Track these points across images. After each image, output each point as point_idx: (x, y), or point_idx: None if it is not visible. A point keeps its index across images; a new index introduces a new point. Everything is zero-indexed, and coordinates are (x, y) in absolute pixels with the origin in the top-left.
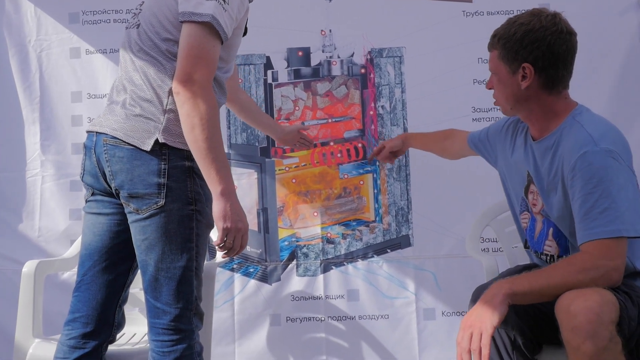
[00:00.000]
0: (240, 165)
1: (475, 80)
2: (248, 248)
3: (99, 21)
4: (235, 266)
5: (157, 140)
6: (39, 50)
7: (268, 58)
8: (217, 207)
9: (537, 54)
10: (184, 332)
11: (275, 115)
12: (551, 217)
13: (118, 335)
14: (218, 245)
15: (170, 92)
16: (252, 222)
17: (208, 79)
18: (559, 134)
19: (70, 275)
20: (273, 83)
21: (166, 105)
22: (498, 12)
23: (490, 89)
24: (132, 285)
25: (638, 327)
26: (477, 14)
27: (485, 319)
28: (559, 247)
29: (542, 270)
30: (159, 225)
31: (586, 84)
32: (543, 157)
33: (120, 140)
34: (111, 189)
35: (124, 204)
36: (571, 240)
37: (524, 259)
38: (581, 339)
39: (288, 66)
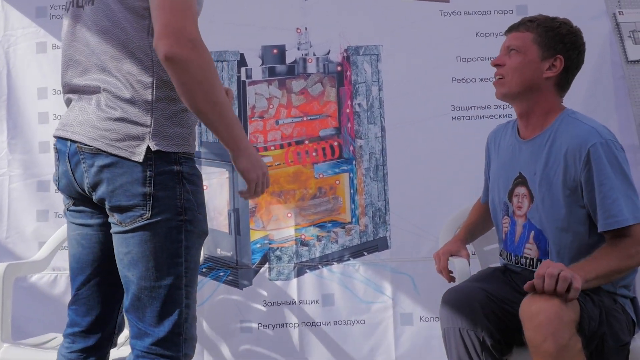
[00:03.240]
0: (212, 164)
1: (454, 79)
2: (218, 250)
3: None
4: (204, 270)
5: (148, 148)
6: (7, 47)
7: (242, 55)
8: (242, 163)
9: (571, 54)
10: (167, 359)
11: (249, 113)
12: (540, 215)
13: (119, 338)
14: (247, 194)
15: (153, 86)
16: (223, 224)
17: (198, 32)
18: (554, 131)
19: (39, 277)
20: (247, 80)
21: (152, 103)
22: (475, 12)
23: (497, 64)
24: None
25: (599, 327)
26: (454, 13)
27: (575, 275)
28: (539, 250)
29: (597, 257)
30: (143, 240)
31: None
32: (537, 154)
33: (100, 149)
34: (87, 193)
35: (107, 213)
36: (557, 239)
37: (495, 259)
38: (542, 337)
39: (262, 64)
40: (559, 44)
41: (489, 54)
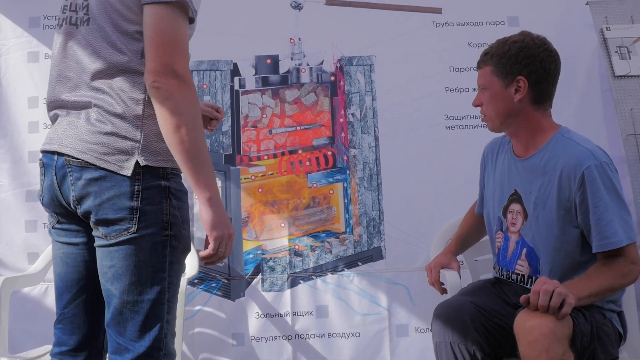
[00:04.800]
0: None
1: (447, 89)
2: None
3: None
4: (196, 281)
5: (137, 163)
6: None
7: (235, 65)
8: (207, 216)
9: (531, 69)
10: None
11: (242, 123)
12: (533, 233)
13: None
14: (208, 255)
15: (144, 102)
16: None
17: (188, 69)
18: (548, 150)
19: (30, 289)
20: (240, 90)
21: (142, 118)
22: (467, 23)
23: (477, 105)
24: None
25: (590, 342)
26: (446, 24)
27: (568, 292)
28: (530, 268)
29: (591, 276)
30: (128, 254)
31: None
32: (532, 173)
33: (88, 162)
34: (72, 208)
35: (91, 226)
36: (549, 258)
37: (485, 270)
38: (536, 352)
39: (256, 73)
40: (514, 65)
41: None
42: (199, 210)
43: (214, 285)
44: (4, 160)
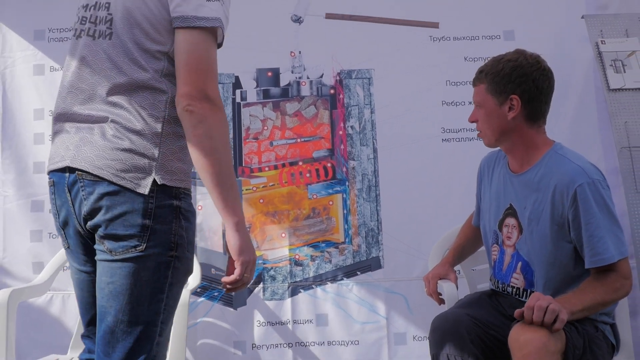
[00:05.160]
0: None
1: (444, 102)
2: (212, 270)
3: (65, 38)
4: (199, 290)
5: (153, 181)
6: (3, 67)
7: (237, 78)
8: (235, 240)
9: (524, 87)
10: None
11: (244, 135)
12: (528, 247)
13: None
14: (234, 281)
15: (164, 120)
16: (217, 243)
17: (219, 94)
18: (542, 167)
19: (35, 298)
20: (242, 102)
21: (161, 136)
22: (464, 38)
23: (473, 121)
24: None
25: (583, 355)
26: (443, 39)
27: (562, 307)
28: (525, 281)
29: (584, 290)
30: (130, 272)
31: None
32: (527, 189)
33: (102, 178)
34: (85, 229)
35: (96, 240)
36: (543, 272)
37: (482, 280)
38: None
39: (257, 86)
40: (508, 84)
41: None
42: (226, 234)
43: (216, 294)
44: (9, 171)
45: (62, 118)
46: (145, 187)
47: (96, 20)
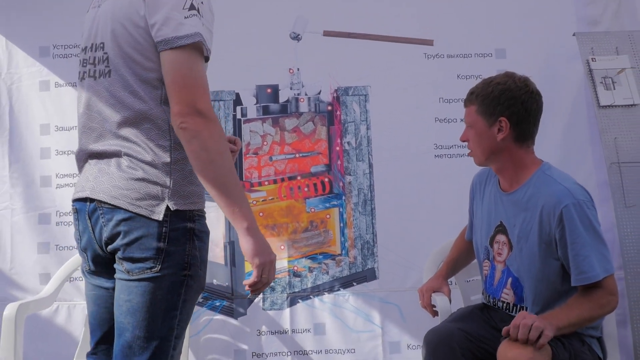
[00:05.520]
0: (208, 198)
1: (437, 119)
2: (214, 281)
3: (69, 55)
4: (201, 300)
5: (167, 207)
6: (9, 83)
7: (237, 94)
8: (247, 245)
9: (512, 110)
10: None
11: (244, 150)
12: (518, 264)
13: None
14: (253, 283)
15: (171, 149)
16: (219, 255)
17: (210, 106)
18: (530, 187)
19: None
20: (242, 118)
21: (170, 164)
22: (457, 55)
23: (464, 141)
24: None
25: None
26: (437, 56)
27: (547, 324)
28: (515, 297)
29: (571, 306)
30: (146, 290)
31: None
32: (516, 208)
33: (119, 207)
34: (105, 252)
35: (116, 260)
36: (532, 288)
37: (475, 291)
38: None
39: (257, 102)
40: (497, 106)
41: None
42: (239, 240)
43: (217, 304)
44: (17, 185)
45: (82, 155)
46: (159, 214)
47: (95, 61)
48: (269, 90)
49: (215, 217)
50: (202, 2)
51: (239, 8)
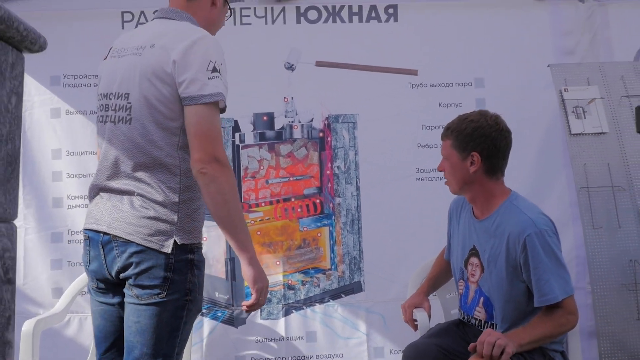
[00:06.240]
0: (210, 218)
1: (419, 144)
2: (216, 294)
3: (79, 84)
4: (204, 310)
5: (174, 242)
6: (23, 110)
7: (236, 122)
8: (249, 272)
9: (483, 146)
10: None
11: (242, 174)
12: (489, 285)
13: None
14: (251, 305)
15: (179, 191)
16: (220, 270)
17: (225, 155)
18: (500, 215)
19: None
20: (240, 144)
21: (178, 204)
22: (439, 84)
23: (441, 170)
24: None
25: None
26: (421, 85)
27: (509, 342)
28: (486, 314)
29: (533, 324)
30: (153, 314)
31: (514, 149)
32: (486, 234)
33: (134, 242)
34: (113, 277)
35: (126, 286)
36: (501, 307)
37: (454, 306)
38: None
39: (254, 129)
40: (470, 142)
41: None
42: (242, 268)
43: (219, 314)
44: (30, 206)
45: (96, 188)
46: (168, 247)
47: (116, 108)
48: (265, 118)
49: (216, 235)
50: (221, 63)
51: (238, 41)
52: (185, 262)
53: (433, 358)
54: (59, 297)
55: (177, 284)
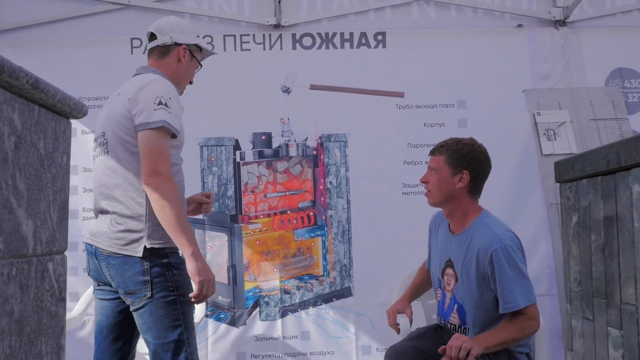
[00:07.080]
0: (214, 229)
1: (405, 162)
2: (219, 297)
3: (93, 106)
4: (208, 313)
5: (145, 247)
6: None
7: (237, 140)
8: (191, 266)
9: (473, 167)
10: None
11: (243, 189)
12: (462, 293)
13: None
14: (196, 296)
15: (146, 204)
16: (223, 276)
17: (169, 169)
18: (471, 232)
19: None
20: (241, 162)
21: (146, 215)
22: (424, 106)
23: (424, 182)
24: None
25: None
26: (407, 107)
27: (474, 345)
28: (460, 320)
29: (498, 329)
30: (150, 312)
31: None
32: (460, 248)
33: (113, 252)
34: (111, 283)
35: (122, 297)
36: (472, 313)
37: (435, 311)
38: None
39: (253, 147)
40: (463, 161)
41: (433, 141)
42: (185, 263)
43: (222, 316)
44: None
45: (95, 210)
46: (140, 252)
47: (101, 144)
48: (263, 137)
49: (219, 245)
50: (170, 98)
51: (238, 66)
52: (160, 266)
53: (411, 358)
54: (76, 302)
55: (159, 284)
